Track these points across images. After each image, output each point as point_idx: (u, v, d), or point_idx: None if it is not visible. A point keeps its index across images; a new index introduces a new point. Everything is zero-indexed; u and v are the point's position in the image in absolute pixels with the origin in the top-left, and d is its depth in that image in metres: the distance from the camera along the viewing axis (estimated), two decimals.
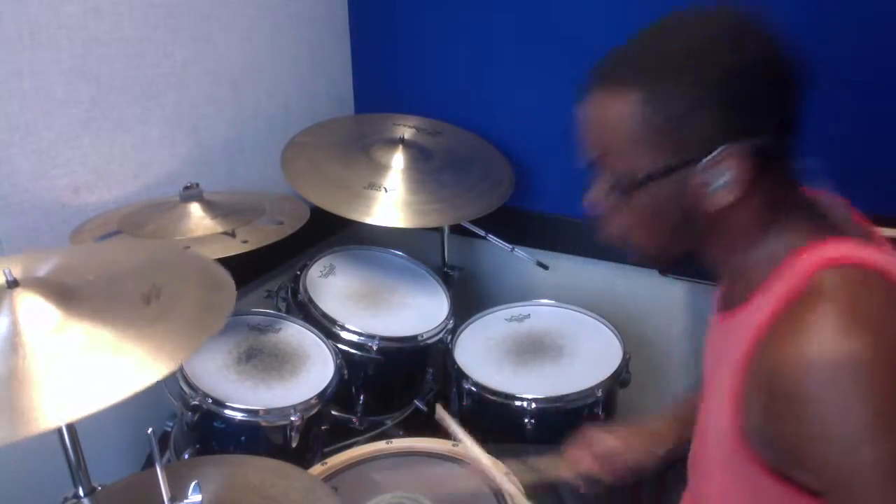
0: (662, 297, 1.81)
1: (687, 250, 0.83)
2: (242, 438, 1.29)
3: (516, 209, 1.80)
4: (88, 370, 0.73)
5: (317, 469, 1.18)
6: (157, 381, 1.31)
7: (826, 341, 0.64)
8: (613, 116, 0.76)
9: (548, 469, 1.11)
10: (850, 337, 0.63)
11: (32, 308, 0.78)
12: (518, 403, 1.39)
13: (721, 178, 0.73)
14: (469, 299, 1.89)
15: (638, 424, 1.12)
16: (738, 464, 0.75)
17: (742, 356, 0.73)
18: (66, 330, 0.77)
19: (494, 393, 1.42)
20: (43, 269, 0.87)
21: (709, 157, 0.73)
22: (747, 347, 0.72)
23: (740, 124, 0.73)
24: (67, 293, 0.81)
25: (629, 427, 1.12)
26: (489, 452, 1.17)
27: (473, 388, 1.44)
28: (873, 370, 0.63)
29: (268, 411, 1.26)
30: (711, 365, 0.88)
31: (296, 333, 1.47)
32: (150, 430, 0.82)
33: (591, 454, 1.09)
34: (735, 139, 0.72)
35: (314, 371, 1.39)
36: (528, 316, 1.64)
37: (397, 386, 1.61)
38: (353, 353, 1.47)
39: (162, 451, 1.34)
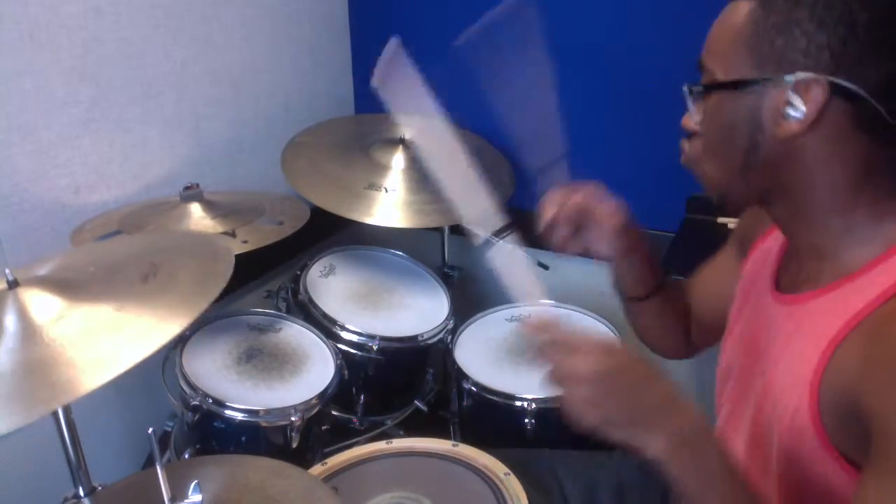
0: None
1: (754, 194, 0.80)
2: (243, 438, 1.29)
3: (516, 209, 1.80)
4: (94, 347, 0.76)
5: (317, 469, 1.18)
6: (157, 381, 1.32)
7: None
8: (729, 19, 0.75)
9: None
10: None
11: (36, 301, 0.80)
12: (518, 403, 1.39)
13: (799, 105, 0.70)
14: (469, 299, 1.88)
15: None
16: (807, 446, 0.74)
17: (834, 335, 0.71)
18: (69, 315, 0.79)
19: (495, 393, 1.42)
20: (43, 270, 0.88)
21: (795, 76, 0.70)
22: (843, 327, 0.71)
23: (844, 60, 0.68)
24: (68, 284, 0.83)
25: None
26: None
27: (474, 389, 1.44)
28: None
29: (268, 411, 1.26)
30: (752, 351, 0.86)
31: (296, 333, 1.46)
32: (150, 430, 0.82)
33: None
34: (830, 72, 0.69)
35: (314, 371, 1.39)
36: (529, 316, 1.64)
37: (397, 386, 1.61)
38: (353, 354, 1.47)
39: (162, 451, 1.34)
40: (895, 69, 0.68)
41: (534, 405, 1.38)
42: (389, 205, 1.52)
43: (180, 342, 1.35)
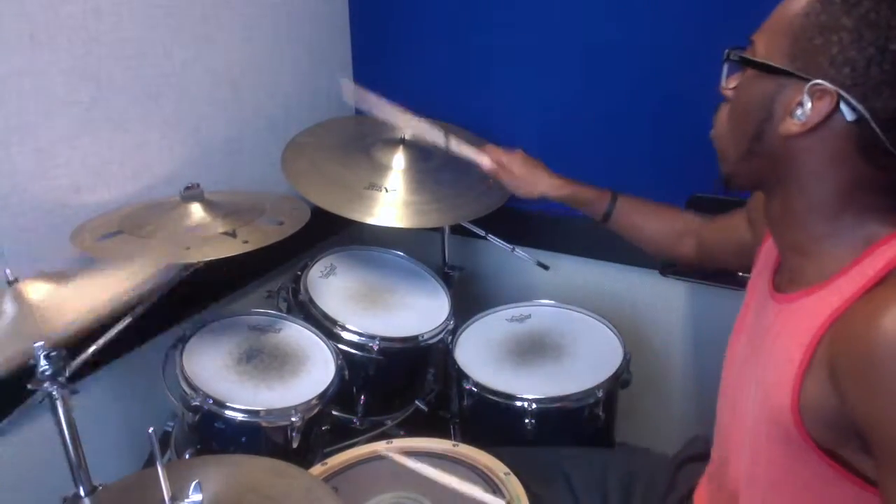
0: (662, 297, 1.81)
1: (755, 179, 0.83)
2: (243, 439, 1.29)
3: (516, 209, 1.80)
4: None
5: (317, 469, 1.18)
6: (158, 381, 1.32)
7: None
8: (789, 4, 0.76)
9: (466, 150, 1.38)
10: None
11: (33, 288, 0.89)
12: (519, 404, 1.39)
13: (807, 108, 0.72)
14: (469, 299, 1.88)
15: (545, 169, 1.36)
16: (792, 441, 0.76)
17: (813, 335, 0.74)
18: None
19: (495, 393, 1.42)
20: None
21: (815, 81, 0.71)
22: (819, 328, 0.73)
23: (862, 81, 0.69)
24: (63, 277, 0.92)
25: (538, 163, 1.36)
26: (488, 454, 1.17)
27: (474, 389, 1.44)
28: None
29: (268, 412, 1.26)
30: (753, 343, 0.88)
31: (296, 334, 1.46)
32: (150, 430, 0.82)
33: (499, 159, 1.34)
34: (845, 88, 0.70)
35: (315, 371, 1.39)
36: (529, 316, 1.64)
37: (398, 386, 1.61)
38: (353, 354, 1.47)
39: (163, 451, 1.34)
40: None
41: (534, 405, 1.38)
42: (390, 205, 1.52)
43: (180, 342, 1.35)
